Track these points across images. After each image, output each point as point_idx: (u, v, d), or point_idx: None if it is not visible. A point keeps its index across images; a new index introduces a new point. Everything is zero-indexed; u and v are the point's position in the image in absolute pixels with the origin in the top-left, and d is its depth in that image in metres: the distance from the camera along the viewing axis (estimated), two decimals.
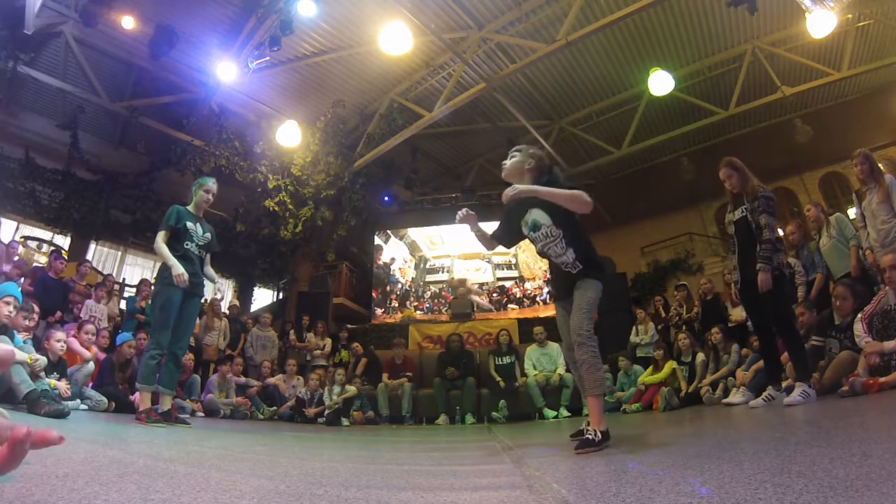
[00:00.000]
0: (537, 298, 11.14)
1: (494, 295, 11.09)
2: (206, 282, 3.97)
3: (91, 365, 4.64)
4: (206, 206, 4.02)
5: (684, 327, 6.58)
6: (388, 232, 11.98)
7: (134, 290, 8.12)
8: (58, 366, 4.06)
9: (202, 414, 5.56)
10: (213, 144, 9.24)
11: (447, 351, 7.20)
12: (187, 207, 3.93)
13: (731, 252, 3.71)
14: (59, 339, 4.11)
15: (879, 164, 4.49)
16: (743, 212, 3.53)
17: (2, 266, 5.52)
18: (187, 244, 3.78)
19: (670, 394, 5.49)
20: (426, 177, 12.05)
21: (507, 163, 2.65)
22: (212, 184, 4.02)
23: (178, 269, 3.62)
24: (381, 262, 11.67)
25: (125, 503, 0.99)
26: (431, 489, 1.35)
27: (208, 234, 3.96)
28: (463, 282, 11.01)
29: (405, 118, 9.21)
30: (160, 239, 3.70)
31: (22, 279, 5.66)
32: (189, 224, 3.81)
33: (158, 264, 4.07)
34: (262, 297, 12.16)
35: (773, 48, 8.62)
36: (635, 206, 12.26)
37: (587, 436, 2.12)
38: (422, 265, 11.72)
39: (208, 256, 4.02)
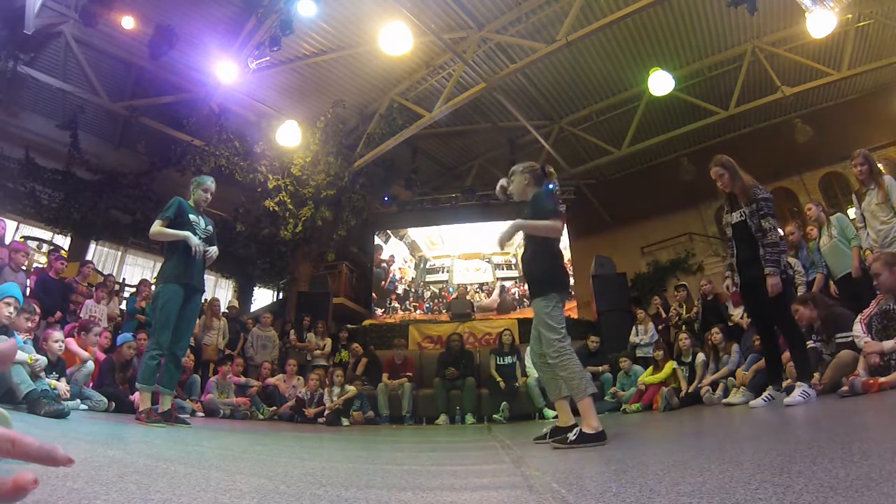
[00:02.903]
0: None
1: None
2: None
3: (91, 365, 4.63)
4: (205, 205, 4.02)
5: (684, 327, 6.58)
6: (388, 232, 11.98)
7: (134, 290, 8.12)
8: (57, 366, 4.06)
9: (202, 414, 5.55)
10: (213, 144, 9.24)
11: (447, 351, 7.20)
12: (189, 202, 3.93)
13: (730, 254, 3.70)
14: (57, 340, 4.09)
15: (879, 165, 4.49)
16: (741, 215, 3.50)
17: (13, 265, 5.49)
18: None
19: (670, 394, 5.49)
20: (426, 177, 12.05)
21: (512, 187, 2.98)
22: (210, 183, 4.02)
23: (193, 239, 3.64)
24: (381, 264, 11.67)
25: (125, 503, 1.00)
26: (431, 489, 1.35)
27: (210, 228, 3.96)
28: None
29: (405, 118, 9.21)
30: (157, 225, 3.66)
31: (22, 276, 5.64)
32: (192, 216, 3.81)
33: (159, 264, 4.04)
34: (262, 297, 12.15)
35: (773, 48, 8.63)
36: (635, 206, 12.26)
37: (567, 434, 2.32)
38: (422, 265, 11.72)
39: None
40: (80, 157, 9.12)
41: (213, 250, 3.83)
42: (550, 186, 2.95)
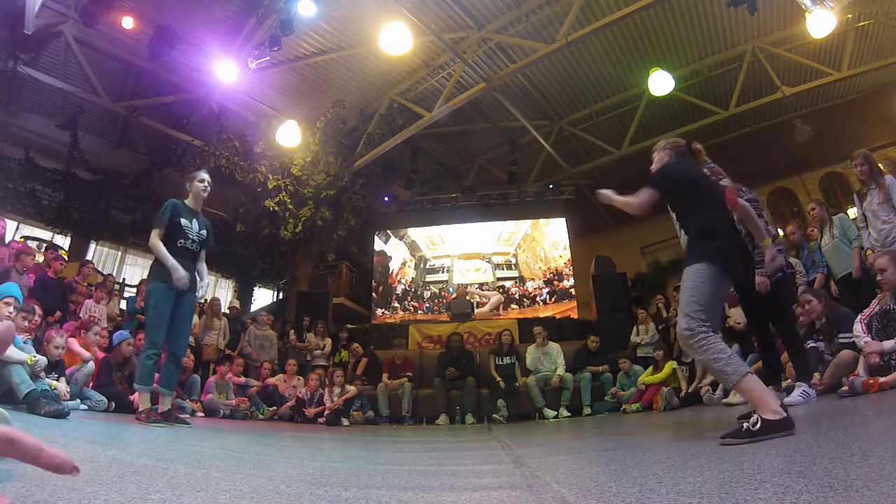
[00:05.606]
0: (537, 298, 11.15)
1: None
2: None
3: (91, 365, 4.63)
4: (205, 196, 3.96)
5: None
6: (388, 232, 11.98)
7: (134, 290, 8.12)
8: (56, 367, 4.05)
9: (202, 414, 5.55)
10: (213, 144, 9.23)
11: (447, 351, 7.20)
12: (185, 202, 3.88)
13: None
14: (58, 346, 4.08)
15: (879, 165, 4.50)
16: None
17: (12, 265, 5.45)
18: (181, 241, 3.71)
19: (670, 394, 5.49)
20: (426, 177, 12.04)
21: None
22: (205, 174, 4.02)
23: (179, 271, 3.58)
24: (379, 265, 11.67)
25: (125, 503, 1.00)
26: (431, 489, 1.35)
27: (204, 231, 3.89)
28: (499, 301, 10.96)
29: (405, 118, 9.20)
30: (155, 236, 3.64)
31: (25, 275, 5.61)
32: (184, 221, 3.75)
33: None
34: (262, 297, 12.16)
35: (773, 48, 8.62)
36: None
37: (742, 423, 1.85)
38: (422, 265, 11.72)
39: (203, 253, 3.94)
40: (80, 157, 9.12)
41: (204, 286, 3.93)
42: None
